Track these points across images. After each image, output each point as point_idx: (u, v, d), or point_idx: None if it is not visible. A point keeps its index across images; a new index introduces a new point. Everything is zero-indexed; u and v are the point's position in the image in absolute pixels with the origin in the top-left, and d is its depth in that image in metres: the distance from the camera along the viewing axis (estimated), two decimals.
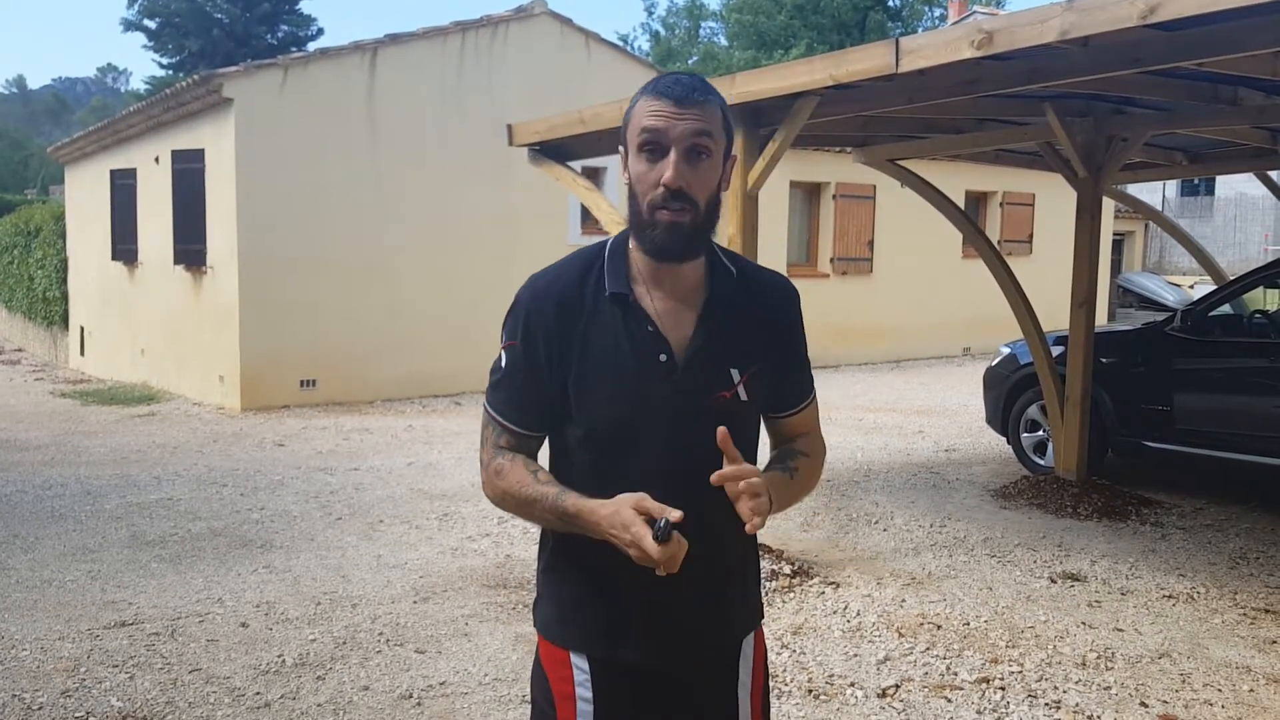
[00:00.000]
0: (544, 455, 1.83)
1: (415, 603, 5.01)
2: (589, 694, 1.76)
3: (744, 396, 1.73)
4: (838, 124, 6.54)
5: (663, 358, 1.69)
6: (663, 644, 1.76)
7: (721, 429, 1.59)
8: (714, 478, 1.59)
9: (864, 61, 4.62)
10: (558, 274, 1.76)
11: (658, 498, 1.59)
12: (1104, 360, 7.42)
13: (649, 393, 1.68)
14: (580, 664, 1.77)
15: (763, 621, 1.93)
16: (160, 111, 12.35)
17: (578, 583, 1.79)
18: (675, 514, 1.53)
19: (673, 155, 1.62)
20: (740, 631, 1.86)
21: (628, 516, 1.56)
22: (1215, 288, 7.82)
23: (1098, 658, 4.34)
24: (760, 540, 1.94)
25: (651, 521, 1.55)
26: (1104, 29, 3.87)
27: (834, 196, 16.00)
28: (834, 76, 4.74)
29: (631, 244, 1.73)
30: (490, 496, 1.78)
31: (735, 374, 1.73)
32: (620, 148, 1.73)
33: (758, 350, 1.75)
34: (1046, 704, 3.90)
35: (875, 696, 3.96)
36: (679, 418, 1.69)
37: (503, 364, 1.75)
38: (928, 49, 4.39)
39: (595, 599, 1.76)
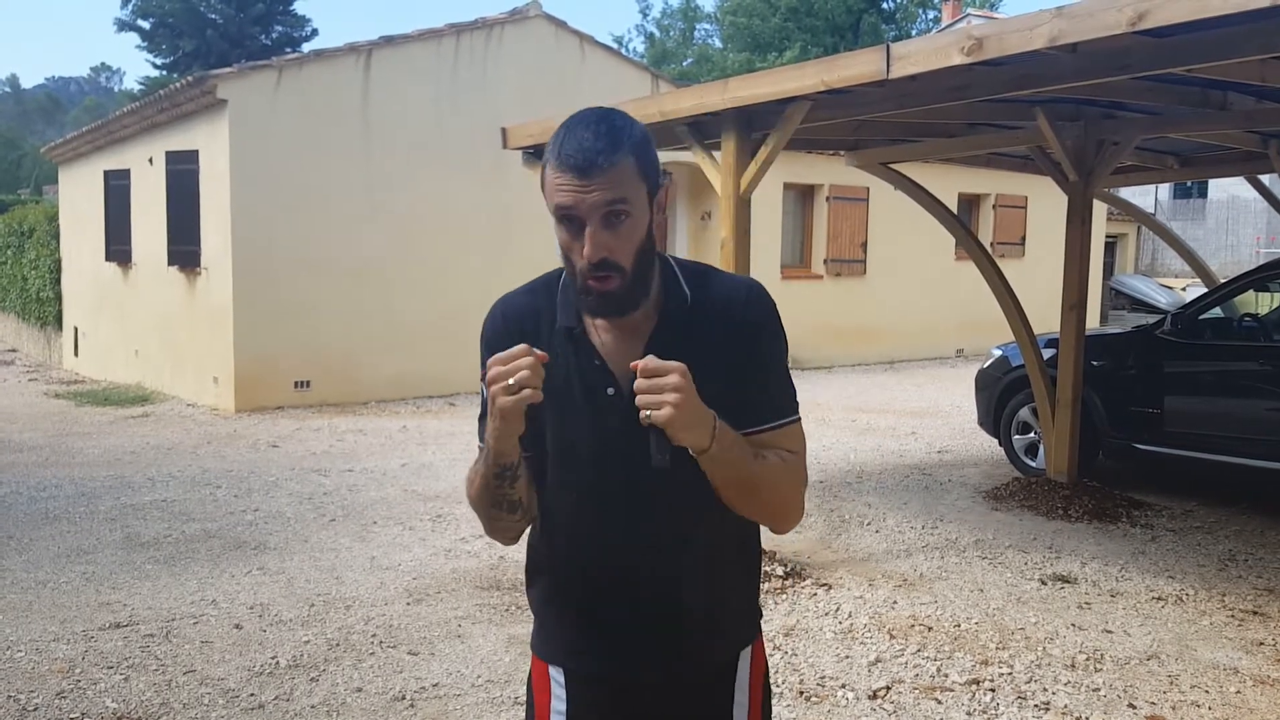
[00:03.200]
0: None
1: (408, 604, 5.02)
2: (563, 707, 1.78)
3: None
4: (830, 128, 6.57)
5: (610, 391, 1.66)
6: (625, 659, 1.74)
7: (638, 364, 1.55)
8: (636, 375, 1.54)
9: (855, 67, 4.64)
10: (516, 305, 1.77)
11: (620, 525, 1.67)
12: (1095, 363, 7.46)
13: (600, 424, 1.67)
14: (557, 677, 1.80)
15: (760, 636, 1.87)
16: (154, 112, 12.35)
17: (549, 597, 1.82)
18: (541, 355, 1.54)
19: (588, 229, 1.57)
20: (721, 653, 1.80)
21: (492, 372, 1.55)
22: (1206, 291, 7.86)
23: (1087, 659, 4.38)
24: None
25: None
26: (1093, 35, 3.89)
27: (827, 198, 16.05)
28: (825, 82, 4.77)
29: None
30: (470, 503, 1.77)
31: None
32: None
33: (710, 372, 1.63)
34: (1036, 705, 3.93)
35: (866, 698, 3.99)
36: (631, 447, 1.61)
37: (483, 395, 1.70)
38: (918, 55, 4.41)
39: (563, 613, 1.79)
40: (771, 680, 4.10)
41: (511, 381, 1.52)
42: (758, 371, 1.70)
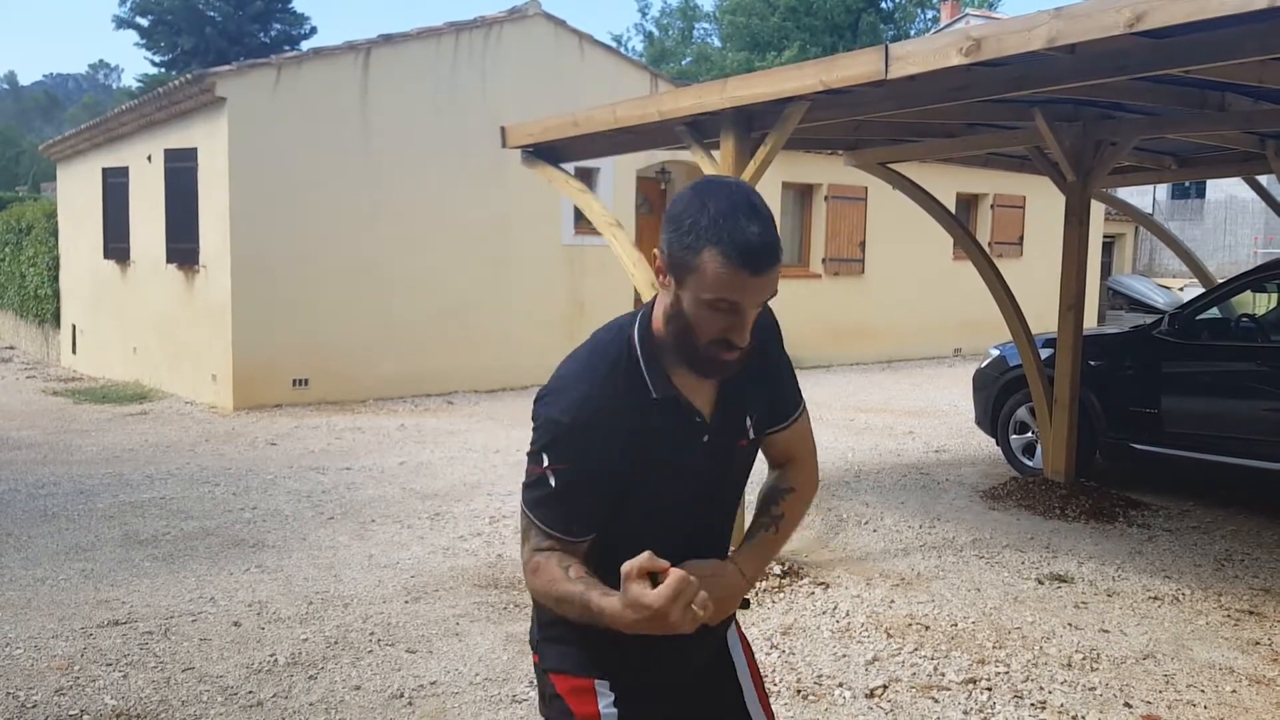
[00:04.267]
0: None
1: (407, 602, 5.03)
2: (613, 711, 1.83)
3: (753, 435, 1.87)
4: (829, 128, 6.57)
5: (705, 438, 1.79)
6: (675, 665, 1.88)
7: None
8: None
9: (854, 68, 4.64)
10: (589, 390, 1.70)
11: (689, 550, 1.75)
12: (1092, 363, 7.48)
13: (698, 472, 1.81)
14: (602, 688, 1.84)
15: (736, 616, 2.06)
16: (153, 110, 12.34)
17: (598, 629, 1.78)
18: (662, 564, 1.54)
19: (748, 317, 1.64)
20: (722, 634, 2.00)
21: (632, 595, 1.53)
22: (1203, 291, 7.88)
23: (1083, 659, 4.39)
24: None
25: (650, 576, 1.54)
26: (1091, 36, 3.89)
27: (826, 198, 16.06)
28: (824, 82, 4.77)
29: (657, 334, 1.73)
30: (530, 589, 1.77)
31: (748, 420, 1.85)
32: (670, 264, 1.64)
33: (759, 393, 1.87)
34: (1032, 704, 3.95)
35: (863, 697, 4.00)
36: (707, 472, 1.82)
37: (552, 484, 1.69)
38: (917, 56, 4.41)
39: (618, 635, 1.71)
40: (769, 679, 4.12)
41: (698, 609, 1.53)
42: (776, 378, 1.91)
